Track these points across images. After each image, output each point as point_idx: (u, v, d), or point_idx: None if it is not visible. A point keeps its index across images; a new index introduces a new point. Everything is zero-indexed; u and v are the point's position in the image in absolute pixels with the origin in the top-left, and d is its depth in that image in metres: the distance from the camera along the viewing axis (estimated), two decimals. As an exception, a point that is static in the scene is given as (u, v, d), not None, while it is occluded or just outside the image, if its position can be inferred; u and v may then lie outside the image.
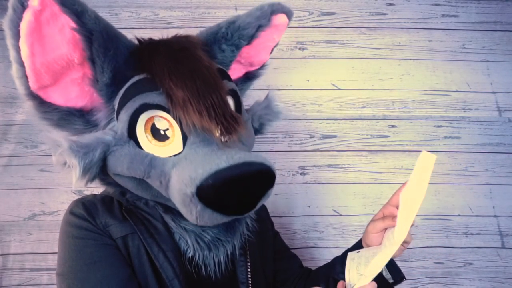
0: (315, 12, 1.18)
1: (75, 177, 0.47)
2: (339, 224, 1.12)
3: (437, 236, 1.12)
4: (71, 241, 0.52)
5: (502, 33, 1.19)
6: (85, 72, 0.50)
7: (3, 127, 1.08)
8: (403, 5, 1.19)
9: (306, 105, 1.15)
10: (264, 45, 0.65)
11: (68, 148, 0.46)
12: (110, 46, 0.48)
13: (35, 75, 0.45)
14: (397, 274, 0.63)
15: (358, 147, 1.14)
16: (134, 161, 0.49)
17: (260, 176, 0.46)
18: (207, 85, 0.48)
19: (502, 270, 1.11)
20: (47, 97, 0.49)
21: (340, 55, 1.17)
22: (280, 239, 0.80)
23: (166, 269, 0.52)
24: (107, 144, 0.49)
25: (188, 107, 0.47)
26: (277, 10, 0.61)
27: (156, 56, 0.50)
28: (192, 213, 0.44)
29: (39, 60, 0.45)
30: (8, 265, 1.04)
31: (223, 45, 0.61)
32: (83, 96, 0.52)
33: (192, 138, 0.49)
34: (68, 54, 0.46)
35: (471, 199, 1.13)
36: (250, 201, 0.47)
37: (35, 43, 0.43)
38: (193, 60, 0.50)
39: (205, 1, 1.16)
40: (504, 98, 1.17)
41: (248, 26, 0.60)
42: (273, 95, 0.65)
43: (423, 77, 1.17)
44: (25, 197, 1.07)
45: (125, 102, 0.50)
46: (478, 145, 1.15)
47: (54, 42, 0.45)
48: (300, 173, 1.13)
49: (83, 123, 0.53)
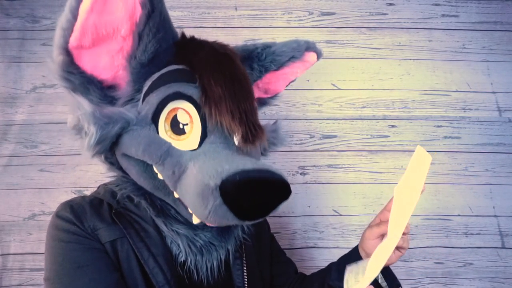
0: (315, 12, 1.18)
1: (87, 144, 0.46)
2: (339, 224, 1.12)
3: (437, 236, 1.12)
4: (57, 245, 0.51)
5: (502, 33, 1.19)
6: (123, 47, 0.49)
7: (3, 127, 1.08)
8: (403, 5, 1.19)
9: (306, 105, 1.15)
10: (286, 76, 0.68)
11: (91, 113, 0.45)
12: (161, 28, 0.48)
13: (81, 32, 0.45)
14: (392, 282, 0.62)
15: (358, 147, 1.14)
16: (152, 144, 0.48)
17: (279, 186, 0.46)
18: (243, 90, 0.50)
19: (502, 270, 1.11)
20: (78, 58, 0.48)
21: (340, 55, 1.17)
22: (276, 242, 0.80)
23: (156, 274, 0.52)
24: (128, 121, 0.48)
25: (222, 105, 0.47)
26: (311, 48, 0.66)
27: (199, 52, 0.51)
28: (207, 206, 0.43)
29: (93, 19, 0.44)
30: (8, 265, 1.04)
31: (255, 64, 0.63)
32: (111, 69, 0.51)
33: (212, 137, 0.50)
34: (120, 23, 0.46)
35: (471, 199, 1.13)
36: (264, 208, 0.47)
37: (99, 2, 0.43)
38: (233, 65, 0.51)
39: (205, 1, 1.16)
40: (504, 98, 1.17)
41: (283, 54, 0.63)
42: (281, 123, 0.68)
43: (423, 77, 1.17)
44: (25, 197, 1.07)
45: (159, 85, 0.50)
46: (478, 145, 1.15)
47: (114, 7, 0.44)
48: (300, 173, 1.13)
49: (99, 96, 0.52)
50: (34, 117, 1.09)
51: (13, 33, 1.11)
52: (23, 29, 1.11)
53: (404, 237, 0.56)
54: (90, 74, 0.50)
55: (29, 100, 1.10)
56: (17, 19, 1.11)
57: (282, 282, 0.74)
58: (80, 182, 1.08)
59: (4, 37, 1.11)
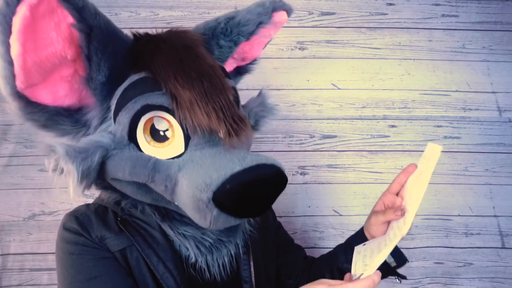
0: (315, 12, 1.18)
1: (72, 184, 0.44)
2: (339, 224, 1.12)
3: (437, 236, 1.12)
4: (68, 258, 0.51)
5: (502, 33, 1.19)
6: (76, 69, 0.46)
7: (3, 127, 1.08)
8: (403, 5, 1.19)
9: (306, 105, 1.15)
10: (259, 40, 0.64)
11: (64, 153, 0.43)
12: (108, 43, 0.45)
13: (24, 74, 0.41)
14: (400, 258, 0.63)
15: (358, 147, 1.14)
16: (137, 165, 0.46)
17: (273, 178, 0.45)
18: (214, 87, 0.47)
19: (502, 270, 1.11)
20: (34, 96, 0.45)
21: (340, 55, 1.17)
22: (283, 231, 0.79)
23: (167, 279, 0.51)
24: (105, 148, 0.47)
25: (195, 108, 0.45)
26: (278, 8, 0.61)
27: (158, 55, 0.48)
28: (206, 218, 0.43)
29: (31, 58, 0.40)
30: (8, 265, 1.04)
31: (221, 41, 0.59)
32: (72, 94, 0.48)
33: (196, 139, 0.48)
34: (62, 51, 0.43)
35: (471, 199, 1.13)
36: (264, 204, 0.47)
37: (28, 39, 0.39)
38: (197, 60, 0.48)
39: (205, 1, 1.16)
40: (504, 98, 1.17)
41: (249, 22, 0.58)
42: (266, 92, 0.63)
43: (423, 77, 1.17)
44: (25, 197, 1.07)
45: (125, 103, 0.47)
46: (478, 145, 1.15)
47: (48, 39, 0.41)
48: (300, 173, 1.13)
49: (71, 123, 0.50)
50: (34, 117, 1.09)
51: (13, 33, 1.11)
52: (23, 29, 1.11)
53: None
54: (53, 106, 0.47)
55: (29, 100, 1.09)
56: (17, 19, 1.11)
57: (291, 271, 0.73)
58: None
59: None
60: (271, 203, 0.48)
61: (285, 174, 0.47)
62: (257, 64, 0.71)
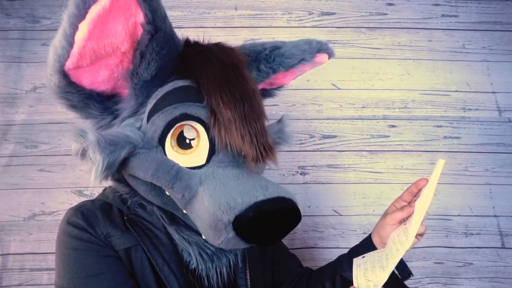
0: (315, 12, 1.18)
1: (94, 173, 0.45)
2: (339, 224, 1.12)
3: (437, 236, 1.12)
4: (70, 253, 0.50)
5: (502, 33, 1.19)
6: (122, 60, 0.47)
7: (3, 127, 1.08)
8: (403, 5, 1.19)
9: (306, 105, 1.15)
10: (294, 73, 0.65)
11: (95, 142, 0.44)
12: (165, 45, 0.46)
13: (78, 57, 0.42)
14: (404, 271, 0.63)
15: (358, 147, 1.14)
16: (161, 169, 0.47)
17: (290, 214, 0.46)
18: (253, 111, 0.48)
19: (502, 270, 1.11)
20: (76, 77, 0.46)
21: (340, 55, 1.17)
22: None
23: (171, 281, 0.51)
24: (134, 145, 0.47)
25: (232, 129, 0.46)
26: (323, 50, 0.63)
27: (207, 67, 0.49)
28: (220, 238, 0.43)
29: (91, 45, 0.42)
30: (8, 265, 1.04)
31: (262, 66, 0.60)
32: (109, 81, 0.49)
33: (221, 156, 0.49)
34: (119, 42, 0.44)
35: (471, 199, 1.13)
36: (277, 235, 0.47)
37: (97, 27, 0.40)
38: (242, 81, 0.49)
39: (205, 1, 1.16)
40: (504, 98, 1.17)
41: (292, 56, 0.60)
42: (287, 120, 0.64)
43: (423, 77, 1.17)
44: (25, 197, 1.07)
45: (164, 105, 0.48)
46: (478, 145, 1.15)
47: (113, 30, 0.42)
48: (300, 173, 1.13)
49: (100, 109, 0.50)
50: (34, 117, 1.09)
51: (13, 33, 1.11)
52: (23, 29, 1.11)
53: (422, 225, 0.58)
54: (89, 89, 0.48)
55: (29, 100, 1.10)
56: (17, 19, 1.11)
57: (285, 278, 0.73)
58: (80, 182, 1.08)
59: (4, 37, 1.11)
60: (283, 236, 0.48)
61: (300, 214, 0.47)
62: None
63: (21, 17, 1.11)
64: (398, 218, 0.60)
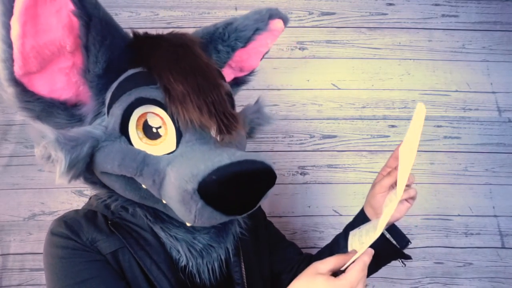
0: (315, 12, 1.18)
1: (58, 171, 0.44)
2: (339, 224, 1.12)
3: (437, 236, 1.12)
4: (57, 262, 0.50)
5: (502, 33, 1.19)
6: (75, 62, 0.46)
7: (3, 127, 1.08)
8: (403, 5, 1.19)
9: (306, 105, 1.15)
10: (257, 50, 0.64)
11: (54, 140, 0.43)
12: (107, 35, 0.46)
13: (23, 59, 0.41)
14: (401, 239, 0.62)
15: (358, 147, 1.14)
16: (126, 157, 0.46)
17: (262, 174, 0.45)
18: (207, 82, 0.47)
19: (502, 270, 1.11)
20: (30, 85, 0.45)
21: (340, 55, 1.17)
22: (274, 229, 0.78)
23: (161, 281, 0.51)
24: (96, 139, 0.46)
25: (187, 102, 0.45)
26: (275, 15, 0.62)
27: (155, 51, 0.49)
28: (191, 211, 0.42)
29: (30, 43, 0.41)
30: (8, 265, 1.04)
31: (219, 45, 0.60)
32: (69, 88, 0.48)
33: (187, 136, 0.48)
34: (61, 39, 0.43)
35: (471, 199, 1.13)
36: (251, 200, 0.46)
37: (29, 22, 0.39)
38: (193, 57, 0.49)
39: (205, 1, 1.16)
40: (504, 98, 1.17)
41: (246, 28, 0.59)
42: (263, 100, 0.63)
43: (423, 77, 1.17)
44: (25, 197, 1.07)
45: (119, 95, 0.47)
46: (478, 145, 1.15)
47: (48, 24, 0.41)
48: (300, 173, 1.13)
49: (66, 117, 0.50)
50: (34, 117, 1.09)
51: (13, 33, 1.11)
52: (23, 29, 1.11)
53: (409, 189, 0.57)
54: (49, 98, 0.47)
55: (29, 100, 1.10)
56: (17, 19, 1.11)
57: (283, 267, 0.73)
58: (80, 182, 1.08)
59: None
60: (258, 199, 0.47)
61: (274, 171, 0.46)
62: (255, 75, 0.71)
63: (21, 17, 1.11)
64: (386, 184, 0.60)
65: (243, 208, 0.46)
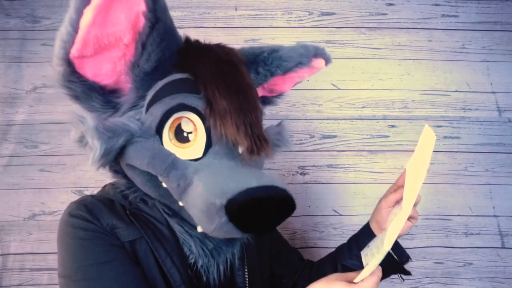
0: (315, 12, 1.18)
1: (91, 159, 0.46)
2: (339, 224, 1.12)
3: (437, 236, 1.12)
4: (76, 242, 0.50)
5: (502, 33, 1.19)
6: (125, 54, 0.48)
7: (3, 127, 1.08)
8: (403, 5, 1.19)
9: (306, 105, 1.15)
10: (293, 79, 0.67)
11: (94, 128, 0.45)
12: (165, 38, 0.48)
13: (83, 44, 0.44)
14: (402, 255, 0.65)
15: (358, 147, 1.14)
16: (157, 157, 0.48)
17: (283, 202, 0.46)
18: (248, 103, 0.49)
19: (502, 270, 1.11)
20: (80, 67, 0.47)
21: (340, 55, 1.17)
22: (277, 234, 0.80)
23: (173, 274, 0.52)
24: (132, 133, 0.48)
25: (227, 118, 0.47)
26: (319, 55, 0.64)
27: (204, 61, 0.51)
28: (212, 223, 0.44)
29: (95, 32, 0.43)
30: (8, 265, 1.04)
31: (260, 68, 0.62)
32: (112, 75, 0.51)
33: (217, 147, 0.50)
34: (122, 33, 0.45)
35: (471, 199, 1.13)
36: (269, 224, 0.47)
37: (101, 14, 0.42)
38: (238, 75, 0.51)
39: (205, 1, 1.16)
40: (504, 98, 1.17)
41: (290, 60, 0.62)
42: (286, 124, 0.66)
43: (423, 77, 1.17)
44: (25, 197, 1.07)
45: (162, 96, 0.49)
46: (478, 145, 1.15)
47: (116, 18, 0.44)
48: (300, 173, 1.13)
49: (101, 102, 0.51)
50: (34, 117, 1.09)
51: (13, 33, 1.11)
52: (23, 29, 1.11)
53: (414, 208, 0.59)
54: (92, 81, 0.50)
55: (29, 100, 1.10)
56: (17, 19, 1.11)
57: (284, 272, 0.74)
58: (80, 182, 1.08)
59: (4, 37, 1.11)
60: (277, 223, 0.48)
61: (295, 203, 0.48)
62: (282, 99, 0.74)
63: (21, 17, 1.12)
64: (392, 200, 0.62)
65: (260, 230, 0.47)
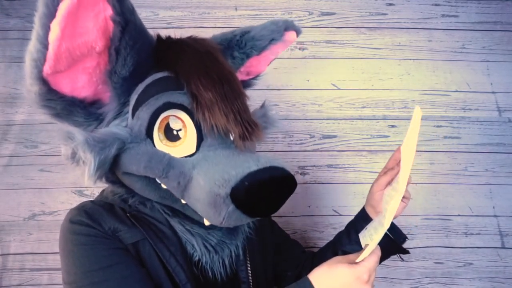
0: (315, 12, 1.18)
1: (87, 173, 0.45)
2: (339, 224, 1.12)
3: (437, 236, 1.12)
4: (79, 249, 0.50)
5: (502, 33, 1.19)
6: (99, 62, 0.47)
7: (3, 127, 1.08)
8: (403, 5, 1.19)
9: (306, 105, 1.15)
10: (268, 57, 0.67)
11: (84, 141, 0.45)
12: (138, 39, 0.47)
13: (55, 59, 0.42)
14: (399, 236, 0.66)
15: (358, 147, 1.14)
16: (153, 160, 0.48)
17: (286, 179, 0.47)
18: (233, 90, 0.50)
19: (502, 270, 1.11)
20: (55, 83, 0.46)
21: (340, 55, 1.17)
22: (278, 229, 0.80)
23: (178, 273, 0.52)
24: (122, 140, 0.48)
25: (215, 109, 0.47)
26: (290, 27, 0.65)
27: (182, 57, 0.51)
28: (221, 214, 0.44)
29: (66, 44, 0.42)
30: (8, 265, 1.04)
31: (235, 52, 0.62)
32: (90, 86, 0.49)
33: (209, 140, 0.50)
34: (93, 41, 0.44)
35: (471, 199, 1.13)
36: (276, 204, 0.48)
37: (69, 25, 0.40)
38: (218, 65, 0.51)
39: (205, 1, 1.16)
40: (504, 98, 1.17)
41: (262, 38, 0.62)
42: (269, 104, 0.66)
43: (423, 77, 1.17)
44: (25, 197, 1.07)
45: (146, 98, 0.49)
46: (478, 145, 1.15)
47: (85, 27, 0.42)
48: (300, 173, 1.13)
49: (84, 116, 0.51)
50: (34, 117, 1.09)
51: (13, 33, 1.11)
52: (23, 29, 1.11)
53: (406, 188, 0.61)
54: (70, 96, 0.48)
55: (29, 100, 1.10)
56: (17, 19, 1.11)
57: (287, 266, 0.75)
58: (80, 182, 1.08)
59: (4, 37, 1.11)
60: (282, 203, 0.49)
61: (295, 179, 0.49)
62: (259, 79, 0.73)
63: (21, 17, 1.11)
64: (383, 182, 0.64)
65: (268, 211, 0.48)
